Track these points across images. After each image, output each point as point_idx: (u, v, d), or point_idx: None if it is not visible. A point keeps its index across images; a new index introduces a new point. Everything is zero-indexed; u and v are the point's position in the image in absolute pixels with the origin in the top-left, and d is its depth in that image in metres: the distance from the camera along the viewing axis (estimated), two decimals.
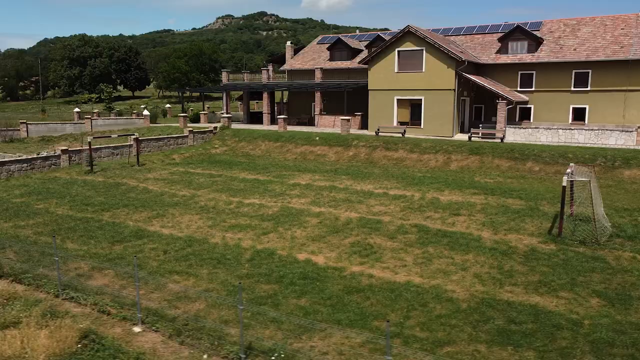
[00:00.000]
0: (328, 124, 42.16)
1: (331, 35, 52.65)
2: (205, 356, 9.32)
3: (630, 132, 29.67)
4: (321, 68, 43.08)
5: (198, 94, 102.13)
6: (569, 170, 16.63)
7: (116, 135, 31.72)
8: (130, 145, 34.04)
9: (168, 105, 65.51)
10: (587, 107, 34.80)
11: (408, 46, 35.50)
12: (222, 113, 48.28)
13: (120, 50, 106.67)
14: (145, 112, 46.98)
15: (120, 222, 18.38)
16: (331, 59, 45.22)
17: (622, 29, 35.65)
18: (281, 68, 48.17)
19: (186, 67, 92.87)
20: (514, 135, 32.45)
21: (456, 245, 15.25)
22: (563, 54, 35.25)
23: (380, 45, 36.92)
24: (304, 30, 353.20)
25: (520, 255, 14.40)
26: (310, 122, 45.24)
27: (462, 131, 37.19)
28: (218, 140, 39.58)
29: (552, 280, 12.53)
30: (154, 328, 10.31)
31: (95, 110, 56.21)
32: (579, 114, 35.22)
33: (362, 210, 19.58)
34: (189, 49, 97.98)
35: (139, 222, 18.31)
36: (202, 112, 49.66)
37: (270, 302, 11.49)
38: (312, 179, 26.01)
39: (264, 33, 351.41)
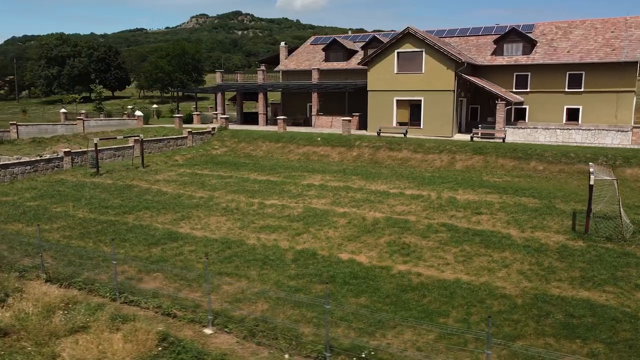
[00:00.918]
0: (325, 125, 42.42)
1: (324, 36, 52.88)
2: (286, 356, 9.47)
3: (626, 131, 30.78)
4: (318, 69, 43.30)
5: (181, 93, 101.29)
6: (591, 170, 17.26)
7: (122, 137, 31.33)
8: (132, 147, 33.69)
9: (155, 106, 64.76)
10: (580, 107, 35.92)
11: (407, 47, 36.02)
12: (217, 113, 48.01)
13: (100, 50, 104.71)
14: (138, 113, 46.39)
15: (147, 224, 18.28)
16: (327, 59, 45.47)
17: (612, 32, 36.89)
18: (276, 69, 48.19)
19: (169, 67, 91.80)
20: (513, 135, 33.27)
21: (490, 244, 15.68)
22: (557, 56, 36.30)
23: (380, 47, 37.34)
24: (279, 30, 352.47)
25: (553, 252, 14.91)
26: (306, 123, 45.42)
27: (460, 131, 37.90)
28: (217, 141, 39.41)
29: (593, 275, 13.05)
30: (226, 329, 10.41)
31: (83, 111, 55.18)
32: (572, 115, 36.33)
33: (385, 210, 19.89)
34: (171, 49, 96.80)
35: (166, 225, 18.24)
36: (195, 112, 49.32)
37: (331, 302, 11.66)
38: (324, 180, 26.20)
39: (239, 32, 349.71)
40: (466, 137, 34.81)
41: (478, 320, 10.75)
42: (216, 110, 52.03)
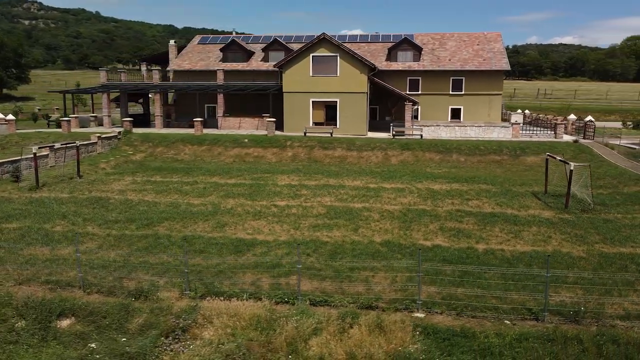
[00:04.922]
0: (233, 126, 42.36)
1: (211, 36, 51.99)
2: (507, 322, 11.35)
3: (508, 127, 37.98)
4: (223, 69, 42.82)
5: None
6: (559, 158, 22.04)
7: (59, 145, 27.50)
8: (46, 155, 29.73)
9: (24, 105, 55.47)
10: (462, 107, 42.68)
11: (322, 52, 38.37)
12: (96, 115, 43.95)
13: None
14: (10, 117, 39.99)
15: (193, 234, 17.69)
16: (225, 60, 45.19)
17: (477, 45, 44.51)
18: (168, 68, 46.04)
19: None
20: (420, 132, 38.12)
21: (514, 222, 19.14)
22: (443, 64, 42.46)
23: (296, 50, 38.93)
24: (77, 22, 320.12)
25: (562, 224, 18.98)
26: (207, 125, 44.47)
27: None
28: (127, 146, 36.61)
29: (611, 237, 17.33)
30: (437, 311, 11.76)
31: None
32: (455, 114, 42.94)
33: (394, 202, 22.12)
34: None
35: (212, 233, 17.85)
36: (73, 115, 44.42)
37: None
38: (294, 180, 27.03)
39: (27, 22, 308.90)
40: (377, 135, 38.65)
41: (591, 276, 13.89)
42: (93, 113, 47.56)
